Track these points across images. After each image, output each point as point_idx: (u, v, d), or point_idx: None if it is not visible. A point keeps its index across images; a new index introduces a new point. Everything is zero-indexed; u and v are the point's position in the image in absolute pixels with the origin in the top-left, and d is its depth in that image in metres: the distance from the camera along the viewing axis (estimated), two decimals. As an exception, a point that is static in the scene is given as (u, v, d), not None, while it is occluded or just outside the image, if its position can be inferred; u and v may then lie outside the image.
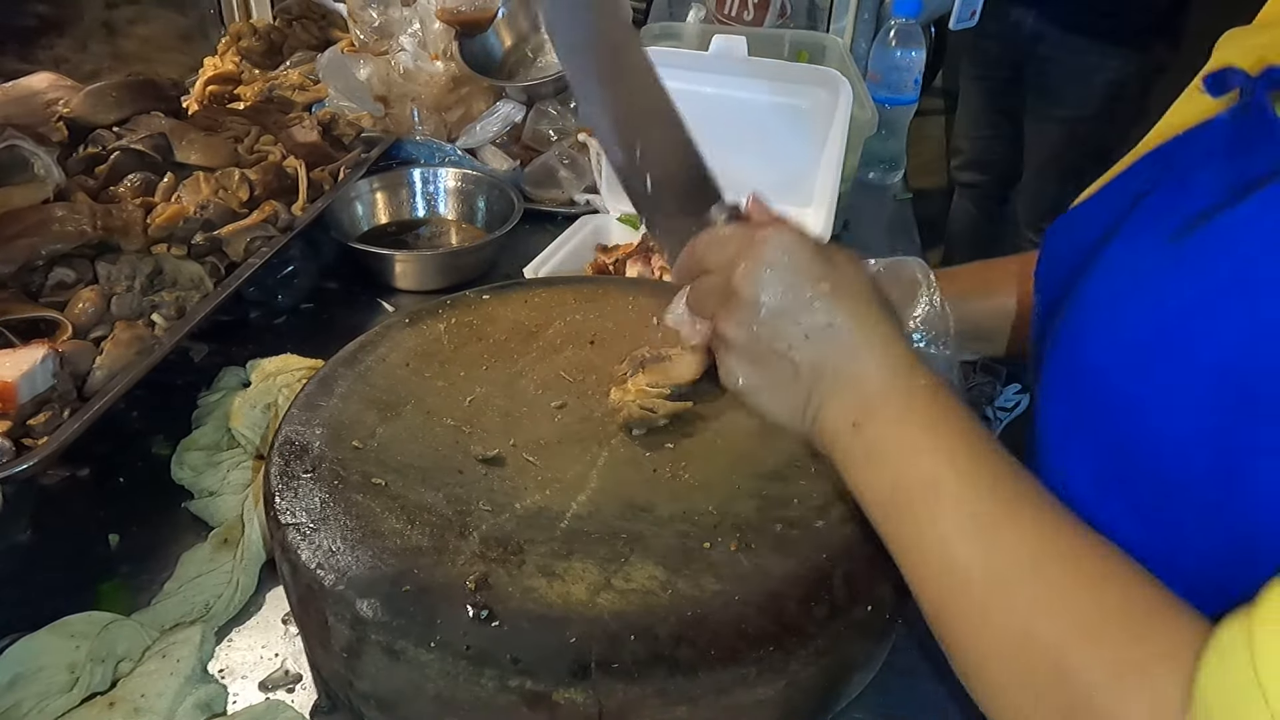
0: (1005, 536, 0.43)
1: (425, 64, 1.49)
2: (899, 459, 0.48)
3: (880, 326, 0.51)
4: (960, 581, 0.44)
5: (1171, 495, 0.44)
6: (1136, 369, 0.45)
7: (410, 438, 0.68)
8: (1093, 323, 0.49)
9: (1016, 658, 0.42)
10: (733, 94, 1.21)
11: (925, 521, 0.46)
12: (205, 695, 0.61)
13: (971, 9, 1.72)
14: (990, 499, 0.45)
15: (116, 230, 0.89)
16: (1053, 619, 0.41)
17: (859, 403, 0.49)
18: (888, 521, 0.49)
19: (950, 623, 0.45)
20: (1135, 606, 0.40)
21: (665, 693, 0.51)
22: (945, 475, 0.46)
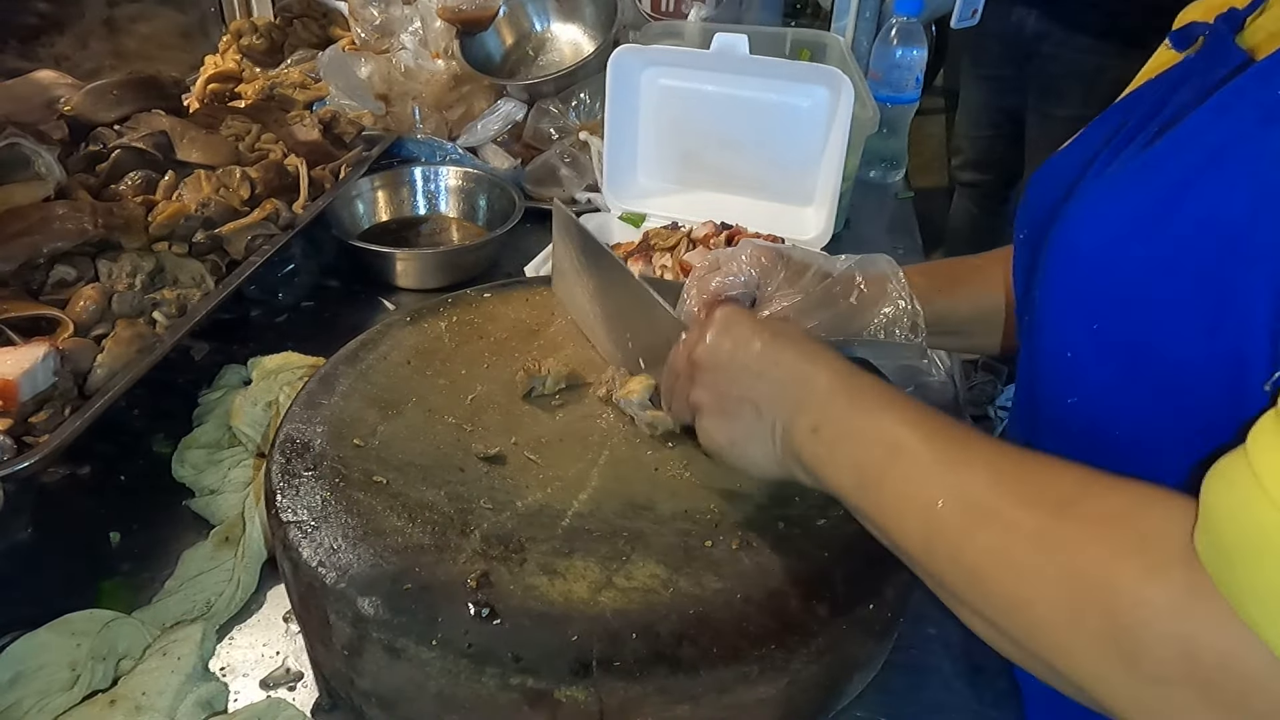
0: (964, 467, 0.47)
1: (426, 62, 1.49)
2: (860, 440, 0.52)
3: (819, 351, 0.56)
4: (938, 519, 0.47)
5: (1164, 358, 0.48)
6: (1133, 243, 0.49)
7: (411, 436, 0.68)
8: (1085, 220, 0.53)
9: (1004, 559, 0.44)
10: (734, 92, 1.21)
11: (894, 479, 0.49)
12: (206, 693, 0.61)
13: (973, 7, 1.71)
14: (944, 443, 0.49)
15: (117, 228, 0.89)
16: (1024, 514, 0.44)
17: (813, 409, 0.54)
18: (863, 493, 0.52)
19: (940, 560, 0.47)
20: (1091, 482, 0.44)
21: (667, 691, 0.51)
22: (902, 436, 0.50)
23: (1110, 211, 0.52)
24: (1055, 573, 0.41)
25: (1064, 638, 0.41)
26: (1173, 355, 0.47)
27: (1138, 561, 0.39)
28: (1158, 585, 0.38)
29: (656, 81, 1.24)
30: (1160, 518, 0.40)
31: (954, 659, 0.68)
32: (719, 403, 0.58)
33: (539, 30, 1.62)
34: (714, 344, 0.58)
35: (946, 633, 0.70)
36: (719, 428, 0.58)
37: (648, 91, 1.25)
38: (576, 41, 1.60)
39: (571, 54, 1.59)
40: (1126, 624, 0.39)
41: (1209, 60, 0.55)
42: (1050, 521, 0.43)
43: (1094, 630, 0.40)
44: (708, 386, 0.58)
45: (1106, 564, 0.40)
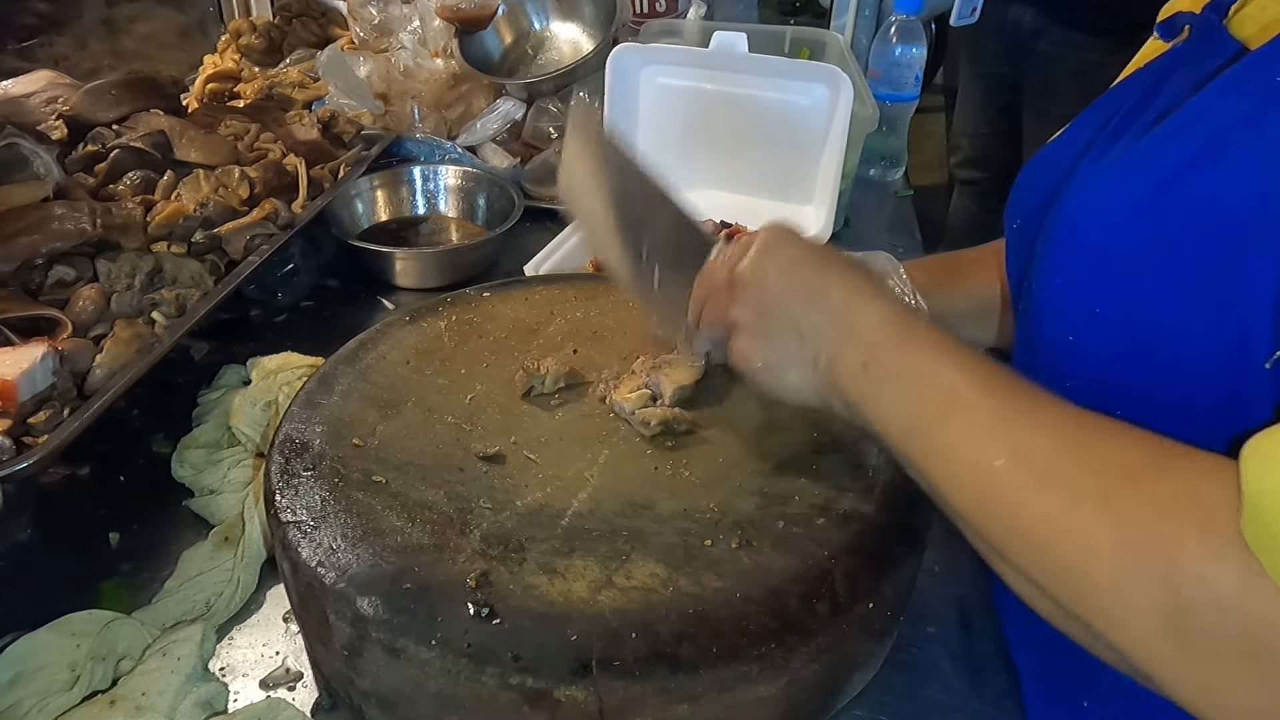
0: (1026, 428, 0.46)
1: (425, 61, 1.49)
2: (912, 382, 0.51)
3: (869, 286, 0.55)
4: (994, 478, 0.46)
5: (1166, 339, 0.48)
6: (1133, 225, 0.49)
7: (411, 435, 0.68)
8: (1084, 203, 0.53)
9: (1064, 525, 0.43)
10: (733, 90, 1.21)
11: (950, 430, 0.48)
12: (206, 693, 0.61)
13: (973, 5, 1.71)
14: (1003, 395, 0.48)
15: (116, 228, 0.89)
16: (1088, 481, 0.43)
17: (864, 345, 0.52)
18: (912, 443, 0.51)
19: (993, 519, 0.46)
20: (1160, 452, 0.43)
21: (666, 690, 0.51)
22: (958, 384, 0.48)
23: (1110, 196, 0.51)
24: (1117, 544, 0.41)
25: (1120, 609, 0.41)
26: (1174, 334, 0.47)
27: (1201, 539, 0.39)
28: (1220, 564, 0.38)
29: (655, 80, 1.24)
30: (1224, 491, 0.39)
31: (954, 658, 0.68)
32: (760, 323, 0.56)
33: (538, 29, 1.62)
34: (759, 261, 0.56)
35: (946, 632, 0.70)
36: (756, 349, 0.57)
37: (647, 90, 1.25)
38: (575, 40, 1.60)
39: (570, 53, 1.59)
40: (1188, 601, 0.38)
41: (1200, 47, 0.55)
42: (1115, 490, 0.42)
43: (1152, 604, 0.39)
44: (749, 305, 0.56)
45: (1170, 540, 0.39)
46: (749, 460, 0.66)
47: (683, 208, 0.64)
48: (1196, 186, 0.46)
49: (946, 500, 0.49)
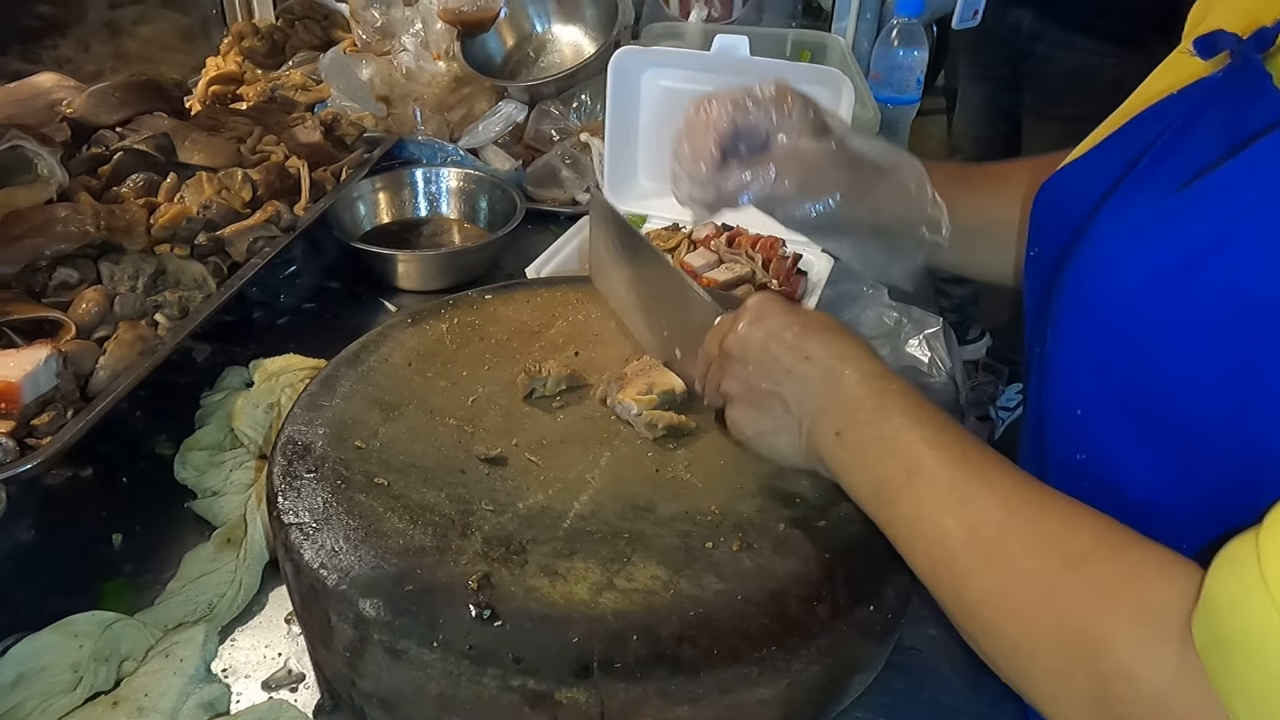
0: (980, 501, 0.47)
1: (427, 64, 1.49)
2: (880, 451, 0.52)
3: (851, 349, 0.56)
4: (947, 549, 0.47)
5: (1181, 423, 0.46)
6: (1152, 303, 0.47)
7: (413, 437, 0.68)
8: (1102, 269, 0.51)
9: (1006, 603, 0.44)
10: (735, 94, 1.21)
11: (909, 502, 0.50)
12: (208, 694, 0.61)
13: (974, 8, 1.71)
14: (963, 468, 0.49)
15: (119, 230, 0.89)
16: (1033, 561, 0.44)
17: (839, 414, 0.54)
18: (880, 511, 0.52)
19: (945, 589, 0.48)
20: (1110, 538, 0.43)
21: (667, 692, 0.51)
22: (921, 455, 0.50)
23: (1128, 266, 0.49)
24: (1053, 626, 0.41)
25: (1054, 689, 0.42)
26: (1189, 422, 0.46)
27: (1134, 633, 0.39)
28: (1149, 662, 0.38)
29: (657, 83, 1.24)
30: (1165, 587, 0.39)
31: (954, 661, 0.68)
32: (748, 394, 0.58)
33: (540, 32, 1.62)
34: (745, 334, 0.58)
35: (947, 634, 0.70)
36: (747, 419, 0.59)
37: (648, 93, 1.25)
38: (577, 43, 1.61)
39: (572, 55, 1.59)
40: (1114, 696, 0.39)
41: (1236, 88, 0.51)
42: (1057, 573, 0.42)
43: (1082, 690, 0.40)
44: (738, 377, 0.59)
45: (1103, 629, 0.40)
46: (750, 463, 0.66)
47: (691, 286, 0.68)
48: (1222, 272, 0.44)
49: (910, 565, 0.51)
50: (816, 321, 0.58)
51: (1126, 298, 0.49)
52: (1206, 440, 0.45)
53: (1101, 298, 0.51)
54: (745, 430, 0.59)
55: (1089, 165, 0.62)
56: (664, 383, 0.71)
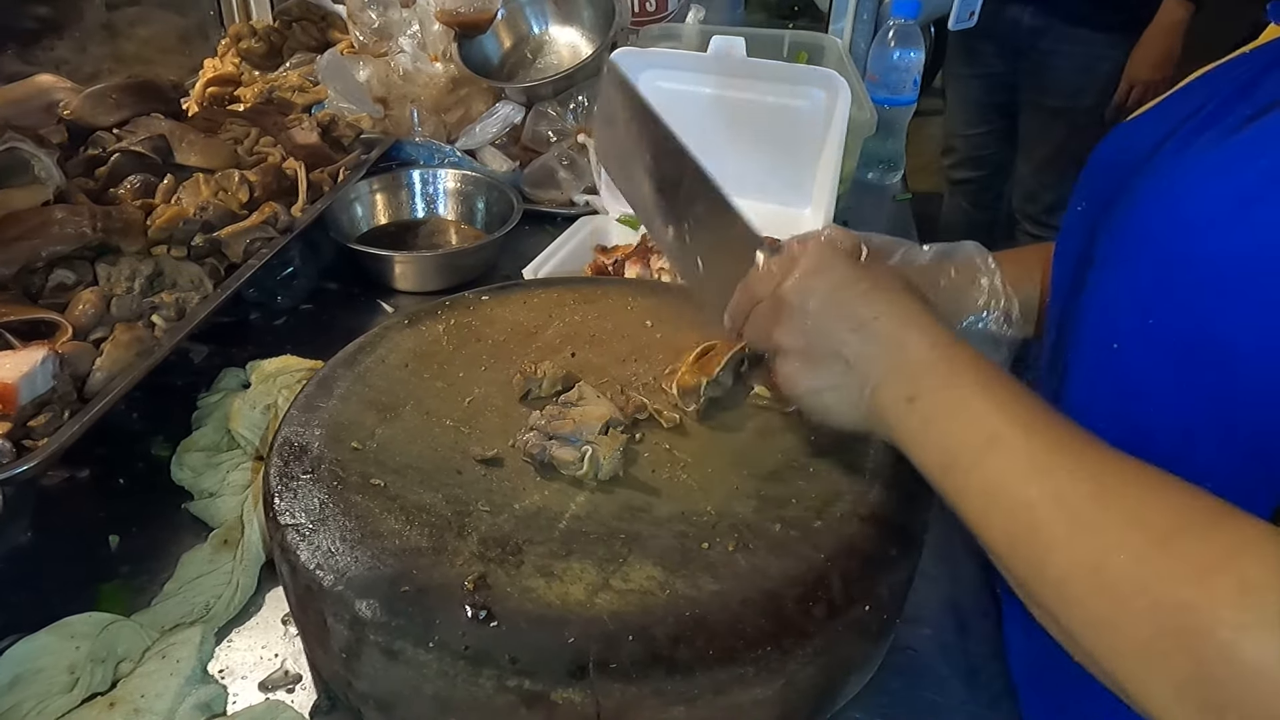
0: (1065, 472, 0.45)
1: (424, 65, 1.49)
2: (955, 420, 0.50)
3: (919, 314, 0.54)
4: (1029, 521, 0.45)
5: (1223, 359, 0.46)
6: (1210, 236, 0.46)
7: (409, 439, 0.68)
8: (1160, 203, 0.50)
9: (1095, 578, 0.42)
10: (731, 95, 1.21)
11: (989, 471, 0.48)
12: (205, 696, 0.61)
13: (970, 9, 1.72)
14: (1045, 440, 0.47)
15: (116, 232, 0.90)
16: (1125, 535, 0.42)
17: (909, 378, 0.52)
18: (950, 476, 0.50)
19: (1024, 562, 0.46)
20: (1203, 511, 0.42)
21: (663, 693, 0.51)
22: (1000, 426, 0.48)
23: (1187, 199, 0.48)
24: (1147, 604, 0.40)
25: (1144, 670, 0.40)
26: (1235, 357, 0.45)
27: (1235, 613, 0.37)
28: (1252, 643, 0.37)
29: (654, 84, 1.24)
30: (1265, 563, 0.38)
31: (950, 660, 0.68)
32: (806, 350, 0.55)
33: (537, 33, 1.63)
34: (806, 283, 0.55)
35: (943, 634, 0.70)
36: (802, 374, 0.56)
37: (646, 94, 1.25)
38: (574, 44, 1.61)
39: (569, 57, 1.59)
40: (1214, 676, 0.37)
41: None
42: (1151, 549, 0.41)
43: (1177, 672, 0.38)
44: (795, 330, 0.55)
45: (1203, 610, 0.38)
46: (746, 463, 0.66)
47: (724, 196, 0.62)
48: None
49: (982, 538, 0.48)
50: (885, 279, 0.55)
51: (1182, 230, 0.48)
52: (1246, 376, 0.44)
53: (1155, 228, 0.49)
54: (799, 386, 0.56)
55: (1148, 120, 0.60)
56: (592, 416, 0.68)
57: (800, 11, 2.42)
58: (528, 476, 0.65)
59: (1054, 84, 2.22)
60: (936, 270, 0.70)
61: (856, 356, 0.53)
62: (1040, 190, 2.33)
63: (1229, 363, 0.45)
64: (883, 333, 0.53)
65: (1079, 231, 0.61)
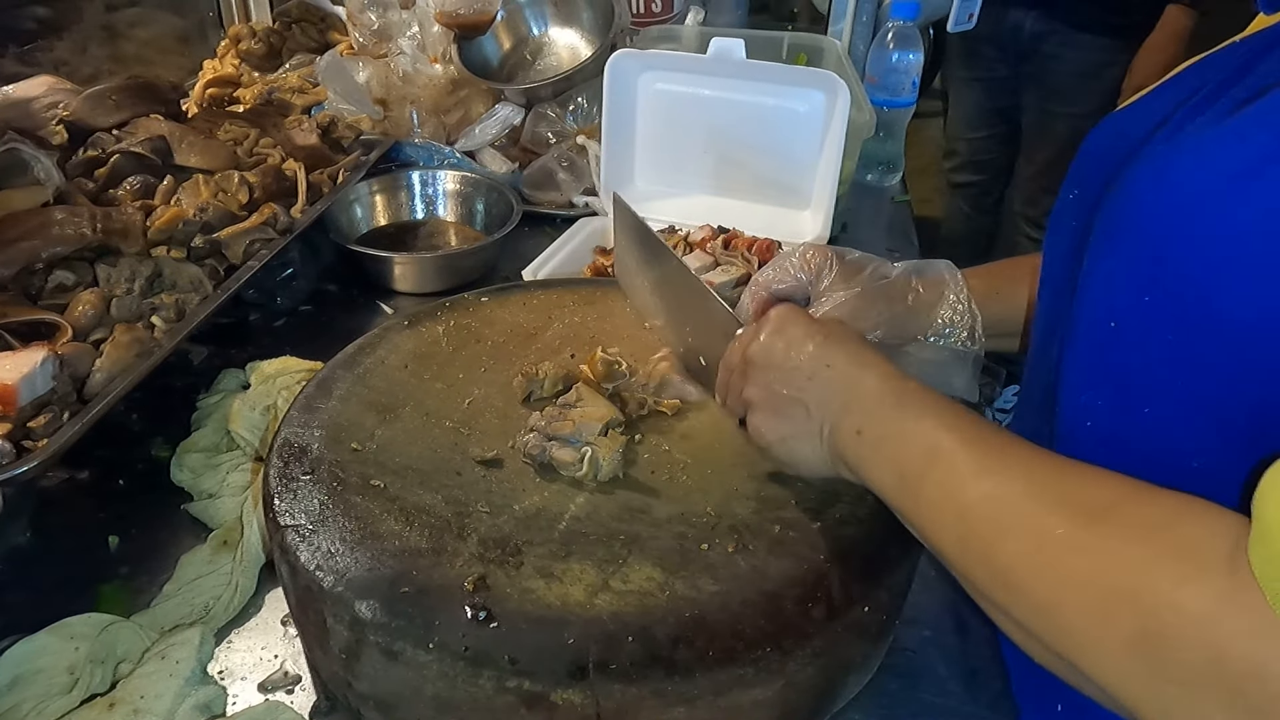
0: (1003, 468, 0.48)
1: (424, 67, 1.50)
2: (900, 441, 0.53)
3: (871, 356, 0.57)
4: (971, 522, 0.47)
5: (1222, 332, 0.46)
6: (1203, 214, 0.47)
7: (409, 440, 0.68)
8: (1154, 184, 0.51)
9: (1035, 561, 0.44)
10: (731, 96, 1.22)
11: (932, 485, 0.50)
12: (204, 696, 0.61)
13: (969, 11, 1.72)
14: (983, 445, 0.50)
15: (116, 233, 0.90)
16: (1060, 516, 0.44)
17: (859, 412, 0.55)
18: (902, 494, 0.52)
19: (973, 564, 0.48)
20: (1136, 490, 0.44)
21: (663, 693, 0.51)
22: (941, 440, 0.51)
23: (1182, 179, 0.49)
24: (1086, 576, 0.41)
25: (1092, 640, 0.41)
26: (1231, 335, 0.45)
27: (1173, 567, 0.39)
28: (1192, 591, 0.38)
29: (654, 86, 1.25)
30: (1200, 525, 0.40)
31: (949, 662, 0.68)
32: (770, 401, 0.59)
33: (536, 34, 1.63)
34: (768, 343, 0.59)
35: (941, 635, 0.70)
36: (769, 425, 0.59)
37: (645, 96, 1.25)
38: (574, 46, 1.61)
39: (569, 58, 1.59)
40: (1157, 628, 0.38)
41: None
42: (1083, 527, 0.43)
43: (1123, 632, 0.40)
44: (760, 385, 0.59)
45: (1140, 568, 0.40)
46: (745, 465, 0.66)
47: (713, 296, 0.69)
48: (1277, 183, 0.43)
49: (936, 548, 0.51)
50: (837, 331, 0.59)
51: (1175, 210, 0.48)
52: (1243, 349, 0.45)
53: (1148, 209, 0.50)
54: (767, 436, 0.59)
55: (1140, 108, 0.61)
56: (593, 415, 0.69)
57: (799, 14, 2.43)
58: (527, 478, 0.65)
59: (1057, 89, 2.22)
60: (905, 286, 0.73)
61: (814, 401, 0.57)
62: (1042, 194, 2.34)
63: (1226, 337, 0.46)
64: (836, 376, 0.56)
65: (1072, 219, 0.63)
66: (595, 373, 0.72)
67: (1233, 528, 0.39)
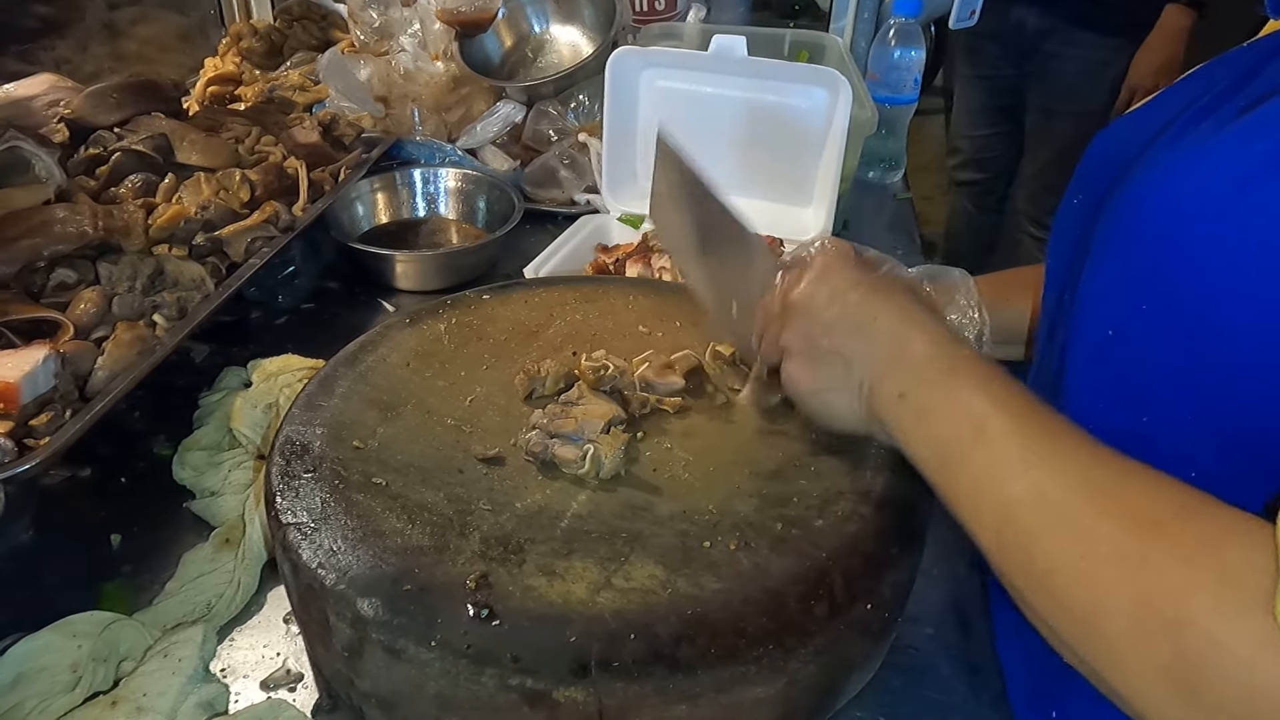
0: (1049, 460, 0.46)
1: (426, 64, 1.49)
2: (947, 412, 0.50)
3: (918, 314, 0.54)
4: (1014, 516, 0.46)
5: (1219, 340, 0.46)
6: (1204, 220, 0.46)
7: (411, 437, 0.68)
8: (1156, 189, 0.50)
9: (1077, 568, 0.42)
10: (732, 94, 1.22)
11: (978, 462, 0.48)
12: (207, 694, 0.61)
13: (971, 8, 1.72)
14: (1035, 430, 0.47)
15: (118, 231, 0.90)
16: (1108, 526, 0.42)
17: (905, 375, 0.53)
18: (943, 471, 0.51)
19: (1011, 558, 0.46)
20: (1186, 501, 0.42)
21: (665, 691, 0.51)
22: (990, 416, 0.48)
23: (1183, 185, 0.48)
24: (1128, 591, 0.40)
25: (1125, 656, 0.40)
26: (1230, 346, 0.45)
27: (1215, 598, 0.38)
28: (1232, 628, 0.37)
29: (655, 83, 1.24)
30: (1245, 550, 0.38)
31: (952, 659, 0.68)
32: (808, 349, 0.57)
33: (538, 32, 1.63)
34: (810, 289, 0.57)
35: (944, 633, 0.70)
36: (805, 374, 0.57)
37: (646, 93, 1.25)
38: (575, 43, 1.61)
39: (570, 56, 1.59)
40: (1193, 660, 0.38)
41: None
42: (1133, 538, 0.41)
43: (1158, 657, 0.39)
44: (799, 332, 0.57)
45: (1183, 594, 0.39)
46: (748, 462, 0.66)
47: (755, 238, 0.66)
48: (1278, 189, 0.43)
49: (973, 534, 0.49)
50: (886, 283, 0.57)
51: (1177, 216, 0.48)
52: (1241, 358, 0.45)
53: (1150, 215, 0.50)
54: (801, 386, 0.58)
55: (1144, 114, 0.61)
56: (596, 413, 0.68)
57: (801, 11, 2.42)
58: (529, 475, 0.65)
59: (1060, 87, 2.22)
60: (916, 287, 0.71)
61: (856, 356, 0.54)
62: (1045, 192, 2.33)
63: (1224, 344, 0.45)
64: (881, 332, 0.54)
65: (1075, 223, 0.62)
66: (587, 380, 0.72)
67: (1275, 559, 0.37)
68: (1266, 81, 0.50)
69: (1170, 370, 0.49)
